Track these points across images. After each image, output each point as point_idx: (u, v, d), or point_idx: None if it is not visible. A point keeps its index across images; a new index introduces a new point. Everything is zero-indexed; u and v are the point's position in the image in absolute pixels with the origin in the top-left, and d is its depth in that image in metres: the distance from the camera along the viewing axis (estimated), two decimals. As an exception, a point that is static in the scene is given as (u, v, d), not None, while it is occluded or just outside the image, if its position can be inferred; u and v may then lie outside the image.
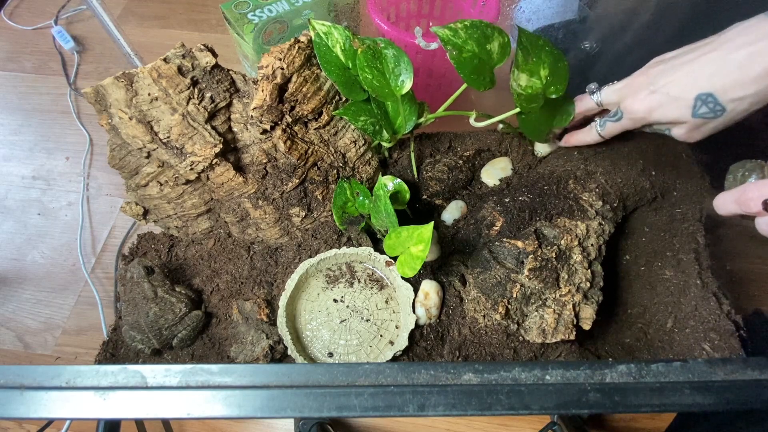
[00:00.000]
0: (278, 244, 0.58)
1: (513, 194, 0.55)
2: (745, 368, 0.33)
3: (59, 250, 0.84)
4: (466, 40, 0.47)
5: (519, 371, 0.33)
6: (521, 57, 0.48)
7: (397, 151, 0.62)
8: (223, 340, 0.54)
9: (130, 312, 0.52)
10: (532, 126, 0.56)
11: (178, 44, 0.48)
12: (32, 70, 1.05)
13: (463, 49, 0.47)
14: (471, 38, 0.47)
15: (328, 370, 0.33)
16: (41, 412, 0.32)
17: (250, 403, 0.32)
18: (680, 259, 0.54)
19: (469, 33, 0.47)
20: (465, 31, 0.47)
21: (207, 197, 0.55)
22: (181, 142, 0.48)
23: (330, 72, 0.50)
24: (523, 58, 0.48)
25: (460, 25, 0.47)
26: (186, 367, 0.33)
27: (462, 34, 0.47)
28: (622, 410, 0.32)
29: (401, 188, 0.54)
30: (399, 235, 0.45)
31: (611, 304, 0.57)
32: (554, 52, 0.50)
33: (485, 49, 0.48)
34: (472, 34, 0.47)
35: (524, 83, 0.49)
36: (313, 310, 0.53)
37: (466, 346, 0.50)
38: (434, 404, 0.32)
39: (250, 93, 0.51)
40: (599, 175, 0.56)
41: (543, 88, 0.50)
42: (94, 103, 0.48)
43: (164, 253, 0.61)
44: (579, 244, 0.50)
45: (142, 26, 1.12)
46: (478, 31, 0.48)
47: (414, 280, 0.52)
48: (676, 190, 0.58)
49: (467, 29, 0.47)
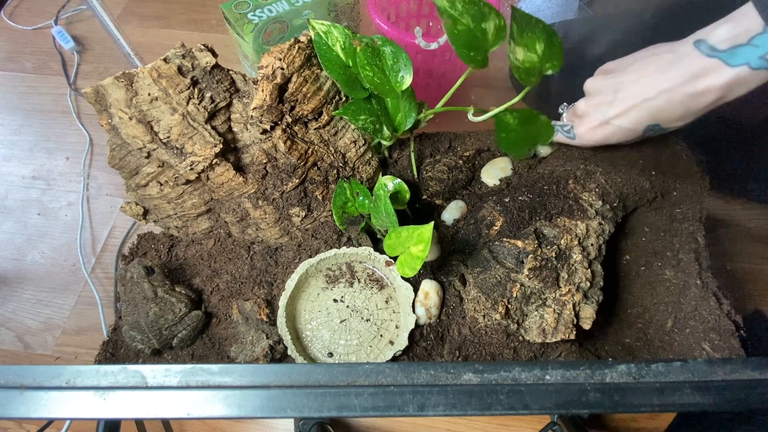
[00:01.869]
0: (278, 244, 0.58)
1: (513, 194, 0.55)
2: (745, 368, 0.33)
3: (59, 250, 0.83)
4: (462, 13, 0.47)
5: (519, 371, 0.33)
6: (516, 30, 0.48)
7: (397, 151, 0.62)
8: (223, 340, 0.54)
9: (130, 312, 0.52)
10: (512, 144, 0.57)
11: (178, 44, 0.48)
12: (32, 70, 1.05)
13: (458, 21, 0.47)
14: (467, 12, 0.47)
15: (328, 370, 0.33)
16: (41, 412, 0.32)
17: (250, 403, 0.32)
18: (680, 259, 0.54)
19: (466, 7, 0.47)
20: (462, 4, 0.47)
21: (207, 197, 0.55)
22: (181, 142, 0.48)
23: (331, 70, 0.50)
24: (518, 31, 0.48)
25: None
26: (186, 367, 0.33)
27: (459, 6, 0.47)
28: (622, 410, 0.32)
29: (401, 188, 0.54)
30: (399, 235, 0.45)
31: (611, 304, 0.57)
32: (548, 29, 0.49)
33: (480, 26, 0.48)
34: (469, 9, 0.47)
35: (521, 57, 0.49)
36: (313, 310, 0.53)
37: (466, 346, 0.50)
38: (434, 404, 0.32)
39: (250, 93, 0.51)
40: (599, 175, 0.56)
41: (539, 63, 0.50)
42: (94, 103, 0.48)
43: (164, 253, 0.61)
44: (579, 244, 0.50)
45: (142, 26, 1.12)
46: (475, 8, 0.47)
47: (414, 280, 0.52)
48: (676, 190, 0.58)
49: (465, 3, 0.47)
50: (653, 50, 0.46)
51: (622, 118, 0.48)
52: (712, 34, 0.41)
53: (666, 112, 0.45)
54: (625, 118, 0.48)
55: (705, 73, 0.41)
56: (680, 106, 0.44)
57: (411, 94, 0.53)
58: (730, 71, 0.40)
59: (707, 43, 0.41)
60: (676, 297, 0.53)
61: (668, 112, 0.45)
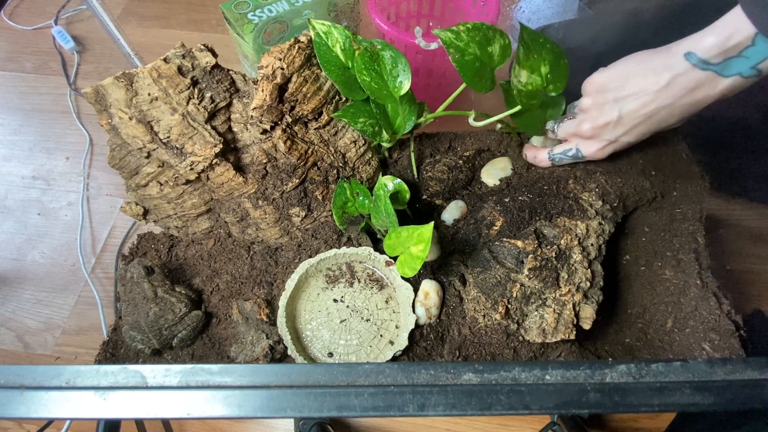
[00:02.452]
0: (278, 244, 0.58)
1: (513, 194, 0.55)
2: (745, 368, 0.33)
3: (59, 250, 0.83)
4: (468, 43, 0.47)
5: (519, 371, 0.33)
6: (522, 53, 0.48)
7: (397, 151, 0.62)
8: (223, 340, 0.54)
9: (130, 312, 0.52)
10: (527, 121, 0.56)
11: (178, 44, 0.48)
12: (32, 70, 1.05)
13: (465, 52, 0.47)
14: (473, 41, 0.47)
15: (328, 370, 0.33)
16: (41, 412, 0.32)
17: (250, 403, 0.32)
18: (680, 259, 0.54)
19: (471, 35, 0.47)
20: (467, 33, 0.47)
21: (207, 197, 0.55)
22: (181, 142, 0.48)
23: (330, 72, 0.50)
24: (524, 54, 0.48)
25: (462, 28, 0.47)
26: (186, 367, 0.33)
27: (464, 36, 0.47)
28: (622, 410, 0.32)
29: (401, 188, 0.54)
30: (399, 235, 0.45)
31: (611, 304, 0.57)
32: (555, 49, 0.50)
33: (486, 51, 0.48)
34: (474, 36, 0.47)
35: (525, 80, 0.50)
36: (313, 310, 0.53)
37: (466, 346, 0.50)
38: (434, 404, 0.32)
39: (250, 93, 0.51)
40: (599, 175, 0.56)
41: (543, 85, 0.50)
42: (94, 103, 0.48)
43: (164, 253, 0.61)
44: (579, 244, 0.50)
45: (142, 26, 1.12)
46: (480, 34, 0.48)
47: (414, 280, 0.52)
48: (676, 190, 0.58)
49: (469, 32, 0.47)
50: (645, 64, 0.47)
51: (628, 136, 0.51)
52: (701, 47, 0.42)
53: (666, 122, 0.48)
54: (632, 134, 0.50)
55: (701, 85, 0.44)
56: (680, 113, 0.47)
57: (410, 98, 0.53)
58: (724, 81, 0.43)
59: (698, 57, 0.42)
60: (676, 297, 0.52)
61: (670, 121, 0.48)
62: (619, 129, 0.50)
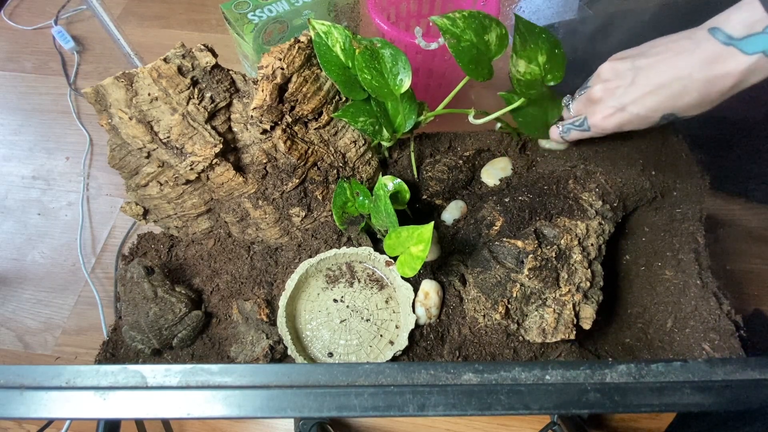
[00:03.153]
0: (278, 244, 0.58)
1: (513, 194, 0.55)
2: (745, 368, 0.33)
3: (59, 250, 0.84)
4: (464, 30, 0.47)
5: (519, 371, 0.33)
6: (519, 42, 0.48)
7: (397, 151, 0.62)
8: (223, 340, 0.54)
9: (130, 312, 0.52)
10: (530, 123, 0.56)
11: (178, 44, 0.48)
12: (32, 70, 1.05)
13: (461, 39, 0.47)
14: (469, 28, 0.47)
15: (328, 370, 0.33)
16: (41, 412, 0.32)
17: (250, 403, 0.32)
18: (680, 259, 0.54)
19: (467, 23, 0.47)
20: (463, 20, 0.47)
21: (207, 197, 0.55)
22: (181, 142, 0.48)
23: (330, 71, 0.50)
24: (520, 43, 0.48)
25: (459, 15, 0.47)
26: (186, 367, 0.33)
27: (460, 23, 0.47)
28: (622, 410, 0.32)
29: (401, 188, 0.54)
30: (399, 235, 0.45)
31: (611, 304, 0.57)
32: (551, 39, 0.50)
33: (483, 39, 0.48)
34: (470, 23, 0.47)
35: (523, 69, 0.50)
36: (313, 310, 0.53)
37: (466, 346, 0.50)
38: (434, 404, 0.32)
39: (250, 93, 0.51)
40: (599, 175, 0.56)
41: (541, 75, 0.50)
42: (94, 103, 0.48)
43: (164, 253, 0.61)
44: (579, 244, 0.50)
45: (142, 26, 1.12)
46: (476, 21, 0.48)
47: (414, 280, 0.52)
48: (676, 190, 0.58)
49: (465, 19, 0.47)
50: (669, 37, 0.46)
51: (638, 105, 0.47)
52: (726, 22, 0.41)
53: (682, 99, 0.45)
54: (641, 104, 0.47)
55: (721, 60, 0.42)
56: (696, 92, 0.44)
57: (411, 96, 0.53)
58: (746, 58, 0.41)
59: (723, 31, 0.41)
60: (676, 297, 0.53)
61: (684, 99, 0.45)
62: (629, 94, 0.47)
